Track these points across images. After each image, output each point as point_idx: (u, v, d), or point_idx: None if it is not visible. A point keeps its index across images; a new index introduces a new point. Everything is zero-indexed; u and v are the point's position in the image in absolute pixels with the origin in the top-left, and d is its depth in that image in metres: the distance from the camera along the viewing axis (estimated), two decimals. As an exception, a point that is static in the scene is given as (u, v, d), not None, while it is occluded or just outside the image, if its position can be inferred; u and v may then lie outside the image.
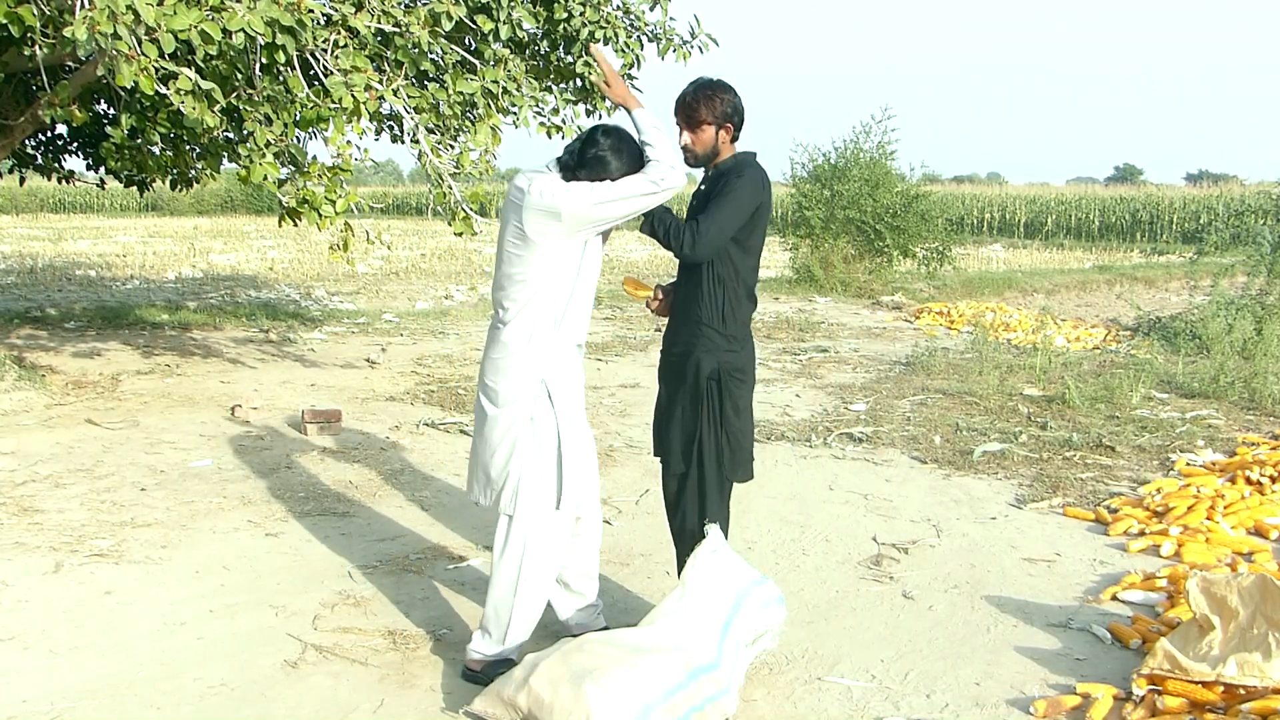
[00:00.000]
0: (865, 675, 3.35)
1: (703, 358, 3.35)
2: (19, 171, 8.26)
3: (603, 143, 3.19)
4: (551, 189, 3.13)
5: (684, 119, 3.36)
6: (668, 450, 3.46)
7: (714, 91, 3.33)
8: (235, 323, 10.66)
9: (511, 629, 3.22)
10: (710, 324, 3.35)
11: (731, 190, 3.27)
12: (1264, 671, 2.97)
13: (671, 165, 3.19)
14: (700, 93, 3.33)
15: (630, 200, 3.15)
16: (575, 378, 3.27)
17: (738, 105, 3.36)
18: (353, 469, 5.62)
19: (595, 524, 3.45)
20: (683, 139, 3.37)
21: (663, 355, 3.53)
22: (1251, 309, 9.95)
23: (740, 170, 3.34)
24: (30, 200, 38.83)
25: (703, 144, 3.36)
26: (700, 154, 3.39)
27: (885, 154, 15.01)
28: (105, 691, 3.17)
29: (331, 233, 6.32)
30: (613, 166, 3.17)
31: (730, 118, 3.35)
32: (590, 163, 3.18)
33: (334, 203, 5.68)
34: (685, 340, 3.40)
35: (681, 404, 3.40)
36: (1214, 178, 42.65)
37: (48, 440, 5.96)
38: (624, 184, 3.15)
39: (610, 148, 3.18)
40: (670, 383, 3.47)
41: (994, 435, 6.37)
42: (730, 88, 3.36)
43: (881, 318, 12.51)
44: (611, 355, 9.30)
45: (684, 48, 6.30)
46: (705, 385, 3.35)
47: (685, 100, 3.35)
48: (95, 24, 3.75)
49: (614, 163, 3.18)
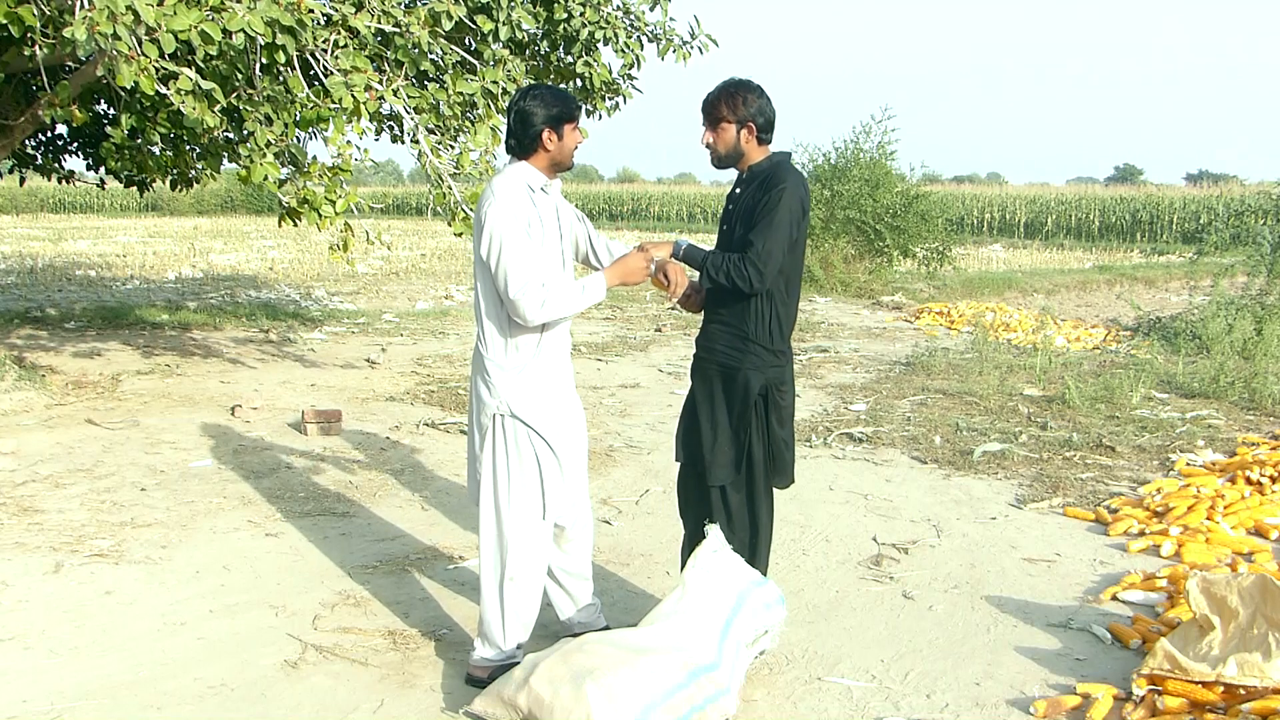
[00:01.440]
0: (865, 675, 3.35)
1: (751, 375, 3.28)
2: (19, 171, 8.27)
3: (514, 100, 3.17)
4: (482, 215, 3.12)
5: (706, 116, 3.32)
6: (708, 462, 3.36)
7: (738, 91, 3.28)
8: (235, 323, 10.66)
9: (507, 633, 3.21)
10: (758, 340, 3.28)
11: (776, 207, 3.19)
12: (1264, 671, 2.97)
13: (541, 310, 3.05)
14: (724, 91, 3.29)
15: (500, 266, 3.04)
16: (546, 388, 3.19)
17: (763, 107, 3.29)
18: (353, 469, 5.62)
19: (583, 527, 3.42)
20: (705, 137, 3.33)
21: (700, 360, 3.42)
22: (1251, 309, 9.95)
23: (778, 178, 3.25)
24: (30, 200, 38.85)
25: (724, 143, 3.31)
26: (722, 153, 3.33)
27: (885, 154, 15.03)
28: (105, 691, 3.17)
29: (331, 233, 6.33)
30: (538, 117, 3.12)
31: (754, 118, 3.27)
32: (515, 123, 3.15)
33: (334, 203, 5.69)
34: (730, 353, 3.31)
35: (725, 417, 3.33)
36: (1214, 178, 42.66)
37: (48, 440, 5.96)
38: (510, 262, 3.03)
39: (526, 100, 3.14)
40: (709, 394, 3.37)
41: (994, 435, 6.37)
42: (757, 88, 3.30)
43: (881, 318, 12.52)
44: (612, 355, 9.30)
45: (684, 48, 6.31)
46: (754, 403, 3.30)
47: (708, 99, 3.32)
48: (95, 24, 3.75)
49: (537, 111, 3.12)
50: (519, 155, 3.20)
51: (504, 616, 3.20)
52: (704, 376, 3.40)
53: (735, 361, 3.30)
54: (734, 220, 3.35)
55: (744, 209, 3.31)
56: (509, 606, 3.20)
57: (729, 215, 3.40)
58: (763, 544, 3.44)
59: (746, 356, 3.29)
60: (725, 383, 3.33)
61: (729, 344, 3.32)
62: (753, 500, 3.39)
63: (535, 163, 3.19)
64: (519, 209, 3.08)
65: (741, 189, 3.37)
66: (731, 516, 3.38)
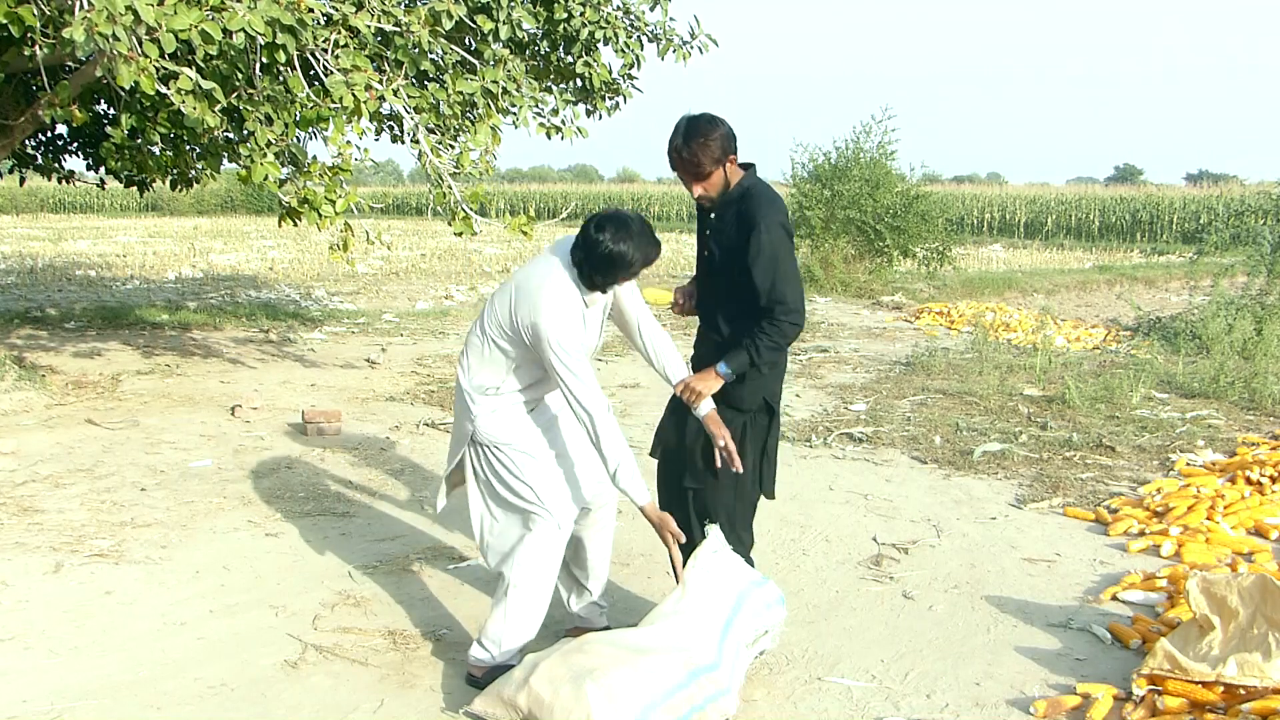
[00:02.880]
0: (865, 675, 3.35)
1: (751, 389, 3.32)
2: (19, 171, 8.26)
3: (604, 239, 3.00)
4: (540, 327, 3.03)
5: (689, 174, 3.21)
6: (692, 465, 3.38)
7: (704, 137, 3.17)
8: (235, 323, 10.66)
9: (506, 636, 3.19)
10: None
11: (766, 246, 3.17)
12: (1264, 671, 2.97)
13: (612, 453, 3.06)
14: (693, 144, 3.17)
15: (564, 379, 3.04)
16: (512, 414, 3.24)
17: (727, 133, 3.20)
18: (353, 469, 5.62)
19: (603, 526, 3.43)
20: (695, 191, 3.26)
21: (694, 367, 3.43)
22: (1251, 309, 9.95)
23: (752, 212, 3.22)
24: (30, 200, 38.84)
25: (715, 187, 3.26)
26: (716, 196, 3.29)
27: (885, 154, 15.02)
28: (105, 691, 3.17)
29: (331, 233, 6.33)
30: (630, 257, 3.02)
31: (728, 151, 3.22)
32: (605, 263, 3.03)
33: (334, 203, 5.68)
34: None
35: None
36: (1214, 178, 42.66)
37: (48, 440, 5.96)
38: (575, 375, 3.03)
39: (613, 239, 3.01)
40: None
41: (994, 435, 6.37)
42: (715, 120, 3.20)
43: (882, 318, 12.52)
44: (611, 355, 9.30)
45: (684, 48, 6.31)
46: (752, 416, 3.35)
47: (682, 157, 3.20)
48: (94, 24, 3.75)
49: (630, 252, 3.02)
50: (581, 276, 3.10)
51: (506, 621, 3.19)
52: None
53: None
54: (717, 250, 3.34)
55: (727, 245, 3.29)
56: (512, 611, 3.19)
57: (706, 241, 3.39)
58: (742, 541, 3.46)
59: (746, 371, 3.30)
60: (721, 393, 3.32)
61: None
62: (731, 513, 3.39)
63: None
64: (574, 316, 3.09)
65: (715, 221, 3.35)
66: (707, 516, 3.40)
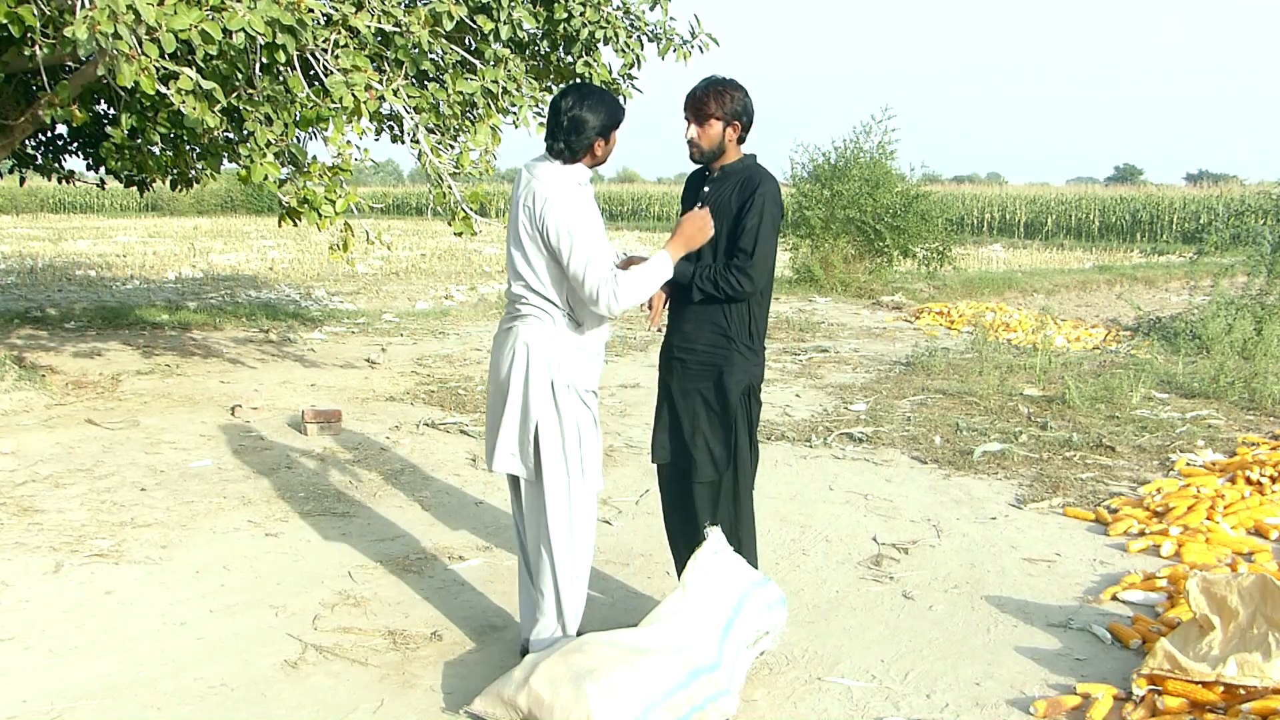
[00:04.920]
0: (865, 675, 3.35)
1: (735, 375, 3.33)
2: (19, 171, 8.26)
3: (566, 105, 3.09)
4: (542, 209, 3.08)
5: (693, 112, 3.33)
6: (692, 460, 3.39)
7: (725, 88, 3.31)
8: (235, 323, 10.66)
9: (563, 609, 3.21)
10: (739, 339, 3.33)
11: (763, 214, 3.25)
12: (1264, 671, 2.97)
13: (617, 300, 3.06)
14: (712, 88, 3.31)
15: (578, 262, 3.05)
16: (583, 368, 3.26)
17: (748, 105, 3.35)
18: (353, 469, 5.62)
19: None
20: (689, 132, 3.35)
21: (678, 362, 3.42)
22: (1251, 309, 9.95)
23: (756, 181, 3.31)
24: (30, 200, 38.83)
25: (709, 139, 3.33)
26: (705, 150, 3.35)
27: (885, 154, 15.01)
28: (105, 691, 3.17)
29: (331, 233, 6.33)
30: (591, 123, 3.10)
31: (739, 116, 3.33)
32: (569, 130, 3.10)
33: (334, 203, 5.68)
34: (709, 353, 3.35)
35: (706, 415, 3.37)
36: (1214, 178, 42.66)
37: (48, 440, 5.96)
38: (589, 257, 3.04)
39: (576, 106, 3.09)
40: (687, 392, 3.39)
41: (994, 435, 6.37)
42: (742, 87, 3.34)
43: (881, 318, 12.52)
44: (611, 355, 9.30)
45: (684, 48, 6.31)
46: (738, 402, 3.35)
47: (695, 94, 3.33)
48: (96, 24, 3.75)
49: (590, 119, 3.10)
50: (566, 159, 3.15)
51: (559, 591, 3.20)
52: (683, 375, 3.41)
53: (719, 360, 3.34)
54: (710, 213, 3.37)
55: (720, 211, 3.32)
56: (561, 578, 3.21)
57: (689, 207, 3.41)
58: (748, 538, 3.47)
59: (731, 355, 3.33)
60: (707, 381, 3.35)
61: (711, 343, 3.35)
62: (737, 496, 3.42)
63: (580, 163, 3.18)
64: (586, 205, 3.10)
65: (712, 188, 3.38)
66: (718, 513, 3.41)
